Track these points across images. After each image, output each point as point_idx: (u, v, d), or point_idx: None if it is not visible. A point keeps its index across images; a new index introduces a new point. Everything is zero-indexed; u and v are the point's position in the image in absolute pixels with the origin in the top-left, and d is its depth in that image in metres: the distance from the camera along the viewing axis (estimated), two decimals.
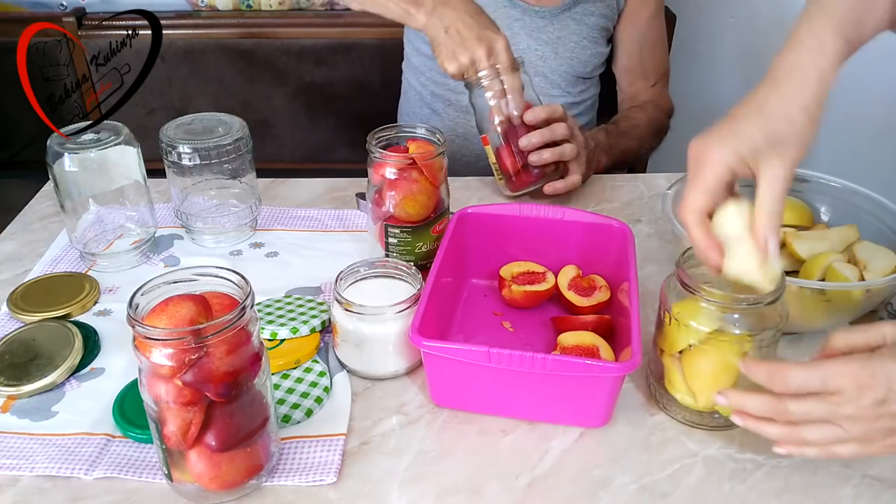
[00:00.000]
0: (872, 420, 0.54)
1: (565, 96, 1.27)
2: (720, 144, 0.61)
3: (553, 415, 0.70)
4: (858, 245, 0.84)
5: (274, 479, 0.64)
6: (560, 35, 1.22)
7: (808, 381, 0.56)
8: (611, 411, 0.69)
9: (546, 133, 0.96)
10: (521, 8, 1.21)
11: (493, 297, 0.86)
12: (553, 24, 1.22)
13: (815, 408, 0.56)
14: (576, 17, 1.22)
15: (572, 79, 1.27)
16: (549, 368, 0.64)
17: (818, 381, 0.55)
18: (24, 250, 0.94)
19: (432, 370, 0.70)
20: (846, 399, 0.54)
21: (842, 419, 0.55)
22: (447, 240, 0.80)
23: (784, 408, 0.57)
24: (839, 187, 0.91)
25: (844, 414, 0.55)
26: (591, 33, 1.24)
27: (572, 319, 0.80)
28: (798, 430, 0.57)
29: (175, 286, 0.58)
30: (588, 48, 1.25)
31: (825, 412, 0.55)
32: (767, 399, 0.58)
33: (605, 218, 0.84)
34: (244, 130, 0.92)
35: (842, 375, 0.55)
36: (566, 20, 1.22)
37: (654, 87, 1.32)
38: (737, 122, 0.61)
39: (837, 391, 0.55)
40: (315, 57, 1.54)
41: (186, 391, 0.55)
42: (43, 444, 0.67)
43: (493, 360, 0.65)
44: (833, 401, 0.55)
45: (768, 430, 0.59)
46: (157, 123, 0.93)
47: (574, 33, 1.23)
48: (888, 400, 0.53)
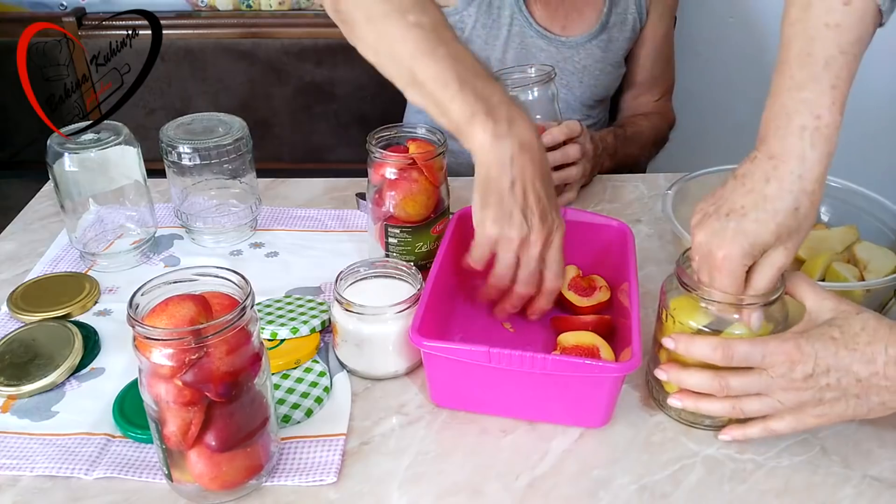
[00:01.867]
0: (802, 391, 0.61)
1: (584, 119, 1.26)
2: (730, 246, 0.60)
3: (553, 415, 0.70)
4: (858, 245, 0.84)
5: (274, 479, 0.64)
6: (586, 64, 1.22)
7: (750, 353, 0.61)
8: (611, 411, 0.69)
9: (557, 156, 0.96)
10: (548, 38, 1.20)
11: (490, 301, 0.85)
12: (580, 52, 1.21)
13: (753, 381, 0.62)
14: (601, 44, 1.21)
15: (593, 103, 1.27)
16: (549, 368, 0.64)
17: (759, 355, 0.61)
18: (24, 250, 0.94)
19: (432, 370, 0.70)
20: (779, 373, 0.60)
21: (776, 390, 0.61)
22: (447, 239, 0.80)
23: (726, 382, 0.62)
24: (839, 187, 0.90)
25: (778, 385, 0.61)
26: (615, 59, 1.24)
27: (572, 319, 0.79)
28: (738, 402, 0.63)
29: (175, 286, 0.58)
30: (612, 73, 1.25)
31: (761, 385, 0.61)
32: (709, 374, 0.63)
33: (606, 218, 0.84)
34: (244, 130, 0.92)
35: (777, 352, 0.60)
36: (592, 48, 1.21)
37: (659, 101, 1.32)
38: (742, 219, 0.60)
39: (772, 365, 0.61)
40: (315, 57, 1.54)
41: (186, 391, 0.55)
42: (43, 444, 0.67)
43: (493, 360, 0.65)
44: (768, 374, 0.61)
45: (709, 406, 0.65)
46: (157, 123, 0.93)
47: (599, 61, 1.22)
48: (815, 374, 0.60)
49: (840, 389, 0.60)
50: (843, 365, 0.59)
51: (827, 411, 0.61)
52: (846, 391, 0.60)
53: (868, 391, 0.60)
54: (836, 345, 0.60)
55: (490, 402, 0.70)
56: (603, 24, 1.20)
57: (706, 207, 0.63)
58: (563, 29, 1.21)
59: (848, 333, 0.60)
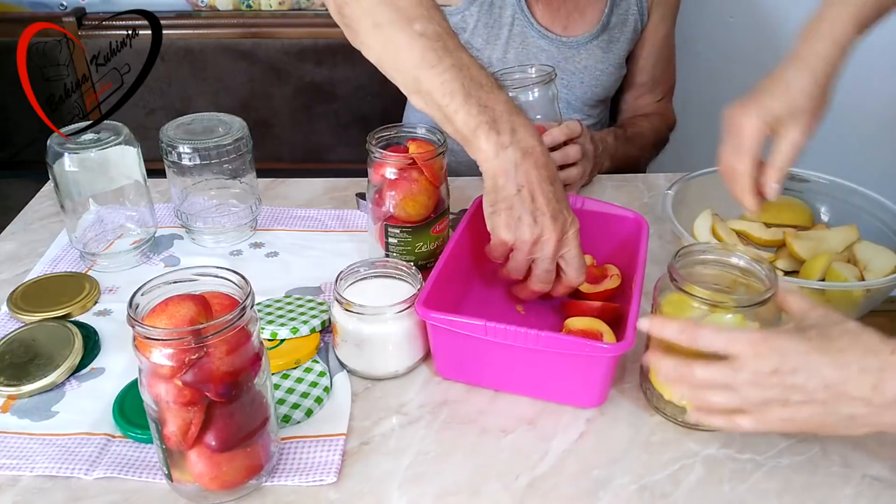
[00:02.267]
0: (767, 387, 0.59)
1: (585, 119, 1.26)
2: (750, 114, 0.75)
3: (548, 392, 0.72)
4: (858, 245, 0.84)
5: (274, 479, 0.64)
6: (587, 64, 1.22)
7: (713, 340, 0.60)
8: (605, 393, 0.71)
9: (558, 157, 0.96)
10: (549, 38, 1.20)
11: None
12: (581, 53, 1.21)
13: (717, 373, 0.61)
14: (602, 45, 1.21)
15: (594, 102, 1.27)
16: (542, 344, 0.66)
17: (722, 342, 0.60)
18: (24, 250, 0.94)
19: (436, 342, 0.73)
20: (743, 365, 0.59)
21: (740, 383, 0.60)
22: (465, 222, 0.83)
23: (690, 371, 0.62)
24: (839, 187, 0.91)
25: (742, 378, 0.59)
26: (617, 59, 1.23)
27: (580, 304, 0.81)
28: (703, 393, 0.62)
29: (175, 286, 0.58)
30: (613, 74, 1.24)
31: (726, 377, 0.60)
32: (677, 362, 0.63)
33: (622, 209, 0.86)
34: (244, 130, 0.92)
35: (742, 341, 0.59)
36: (594, 49, 1.21)
37: (660, 101, 1.32)
38: (763, 96, 0.75)
39: (737, 355, 0.59)
40: (315, 57, 1.54)
41: (186, 391, 0.55)
42: (43, 444, 0.67)
43: (489, 333, 0.67)
44: (732, 366, 0.60)
45: (678, 390, 0.66)
46: (157, 123, 0.93)
47: (601, 61, 1.22)
48: (780, 370, 0.58)
49: (806, 392, 0.57)
50: (812, 367, 0.57)
51: (793, 415, 0.59)
52: (812, 395, 0.57)
53: (837, 400, 0.57)
54: (808, 346, 0.58)
55: (488, 375, 0.73)
56: (604, 25, 1.20)
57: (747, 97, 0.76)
58: (565, 29, 1.21)
59: (825, 337, 0.58)
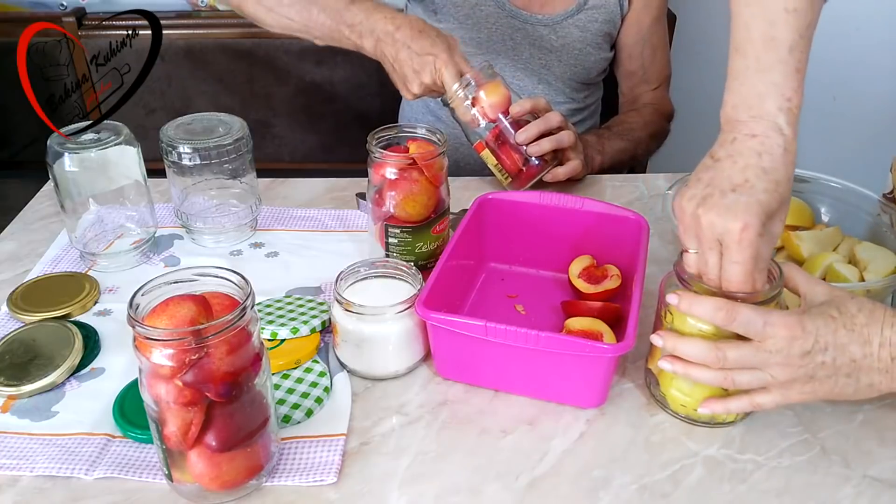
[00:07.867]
0: (797, 367, 0.61)
1: (569, 102, 1.27)
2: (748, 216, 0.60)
3: (548, 393, 0.72)
4: (858, 245, 0.84)
5: (274, 479, 0.64)
6: (564, 43, 1.22)
7: (752, 319, 0.61)
8: (604, 394, 0.71)
9: (542, 123, 0.97)
10: (523, 18, 1.21)
11: (510, 280, 0.88)
12: (556, 32, 1.22)
13: (749, 354, 0.61)
14: (579, 24, 1.22)
15: (577, 85, 1.27)
16: (541, 345, 0.66)
17: (760, 322, 0.60)
18: (24, 250, 0.94)
19: (437, 342, 0.73)
20: (776, 347, 0.60)
21: (771, 365, 0.61)
22: (465, 222, 0.83)
23: (722, 353, 0.62)
24: (839, 187, 0.91)
25: (774, 360, 0.61)
26: (595, 39, 1.24)
27: (580, 305, 0.81)
28: (731, 374, 0.62)
29: (175, 286, 0.58)
30: (592, 54, 1.24)
31: (757, 359, 0.61)
32: (706, 344, 0.62)
33: (622, 209, 0.86)
34: (244, 130, 0.92)
35: (779, 323, 0.60)
36: (570, 28, 1.22)
37: (656, 90, 1.32)
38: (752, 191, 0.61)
39: (771, 337, 0.60)
40: (315, 57, 1.54)
41: (187, 391, 0.55)
42: (43, 444, 0.67)
43: (489, 334, 0.67)
44: (765, 348, 0.61)
45: (699, 374, 0.64)
46: (157, 123, 0.93)
47: (578, 40, 1.22)
48: (813, 351, 0.60)
49: (833, 368, 0.61)
50: (840, 343, 0.60)
51: (815, 388, 0.62)
52: (838, 370, 0.61)
53: (860, 371, 0.61)
54: (835, 323, 0.61)
55: (488, 375, 0.73)
56: (580, 5, 1.21)
57: (698, 192, 0.63)
58: (542, 7, 1.22)
59: (846, 314, 0.61)
